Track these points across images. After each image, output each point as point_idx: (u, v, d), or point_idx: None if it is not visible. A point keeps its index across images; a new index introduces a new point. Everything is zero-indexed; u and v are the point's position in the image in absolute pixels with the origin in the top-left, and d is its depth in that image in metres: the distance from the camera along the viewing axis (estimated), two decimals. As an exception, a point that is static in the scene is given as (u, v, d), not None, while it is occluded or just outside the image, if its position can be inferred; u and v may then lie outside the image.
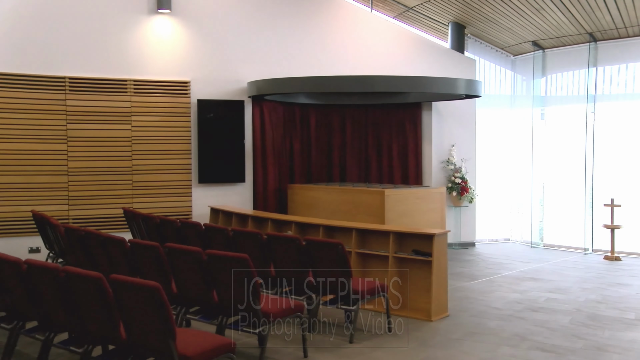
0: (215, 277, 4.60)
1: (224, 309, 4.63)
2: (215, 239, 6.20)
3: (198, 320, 4.81)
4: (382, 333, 5.54)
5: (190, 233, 6.55)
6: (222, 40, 9.54)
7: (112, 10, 8.84)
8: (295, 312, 4.77)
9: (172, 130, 9.19)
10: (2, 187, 8.23)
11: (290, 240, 5.49)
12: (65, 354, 4.50)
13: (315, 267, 5.39)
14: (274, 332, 5.13)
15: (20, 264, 4.17)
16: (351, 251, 6.46)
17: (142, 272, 5.16)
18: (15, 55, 8.26)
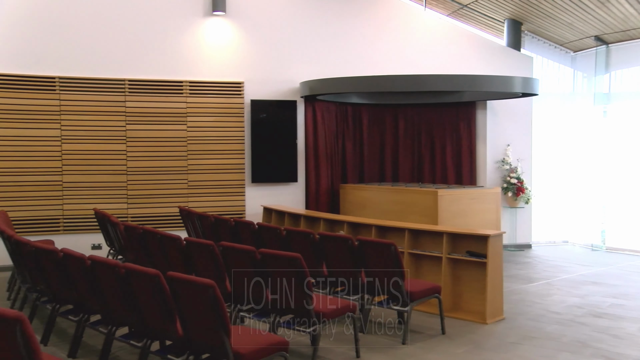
0: (267, 275, 4.65)
1: (277, 307, 4.67)
2: (268, 238, 6.27)
3: (251, 318, 4.87)
4: (435, 335, 5.46)
5: (244, 232, 6.65)
6: (275, 41, 9.63)
7: (169, 13, 9.07)
8: (348, 312, 4.76)
9: (226, 131, 9.35)
10: (67, 186, 8.58)
11: (343, 240, 5.49)
12: (126, 347, 4.65)
13: (368, 267, 5.37)
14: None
15: (85, 259, 4.33)
16: (404, 251, 6.40)
17: (197, 269, 5.27)
18: (80, 60, 8.59)
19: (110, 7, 8.77)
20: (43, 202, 8.48)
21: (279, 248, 5.81)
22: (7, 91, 8.26)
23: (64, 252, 4.60)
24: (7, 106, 8.27)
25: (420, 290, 5.33)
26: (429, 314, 5.99)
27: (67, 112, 8.55)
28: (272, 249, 4.99)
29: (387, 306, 5.36)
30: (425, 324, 5.75)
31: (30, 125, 8.38)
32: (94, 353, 4.73)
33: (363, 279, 5.43)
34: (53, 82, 8.47)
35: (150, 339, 4.09)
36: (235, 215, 9.08)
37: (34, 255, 4.97)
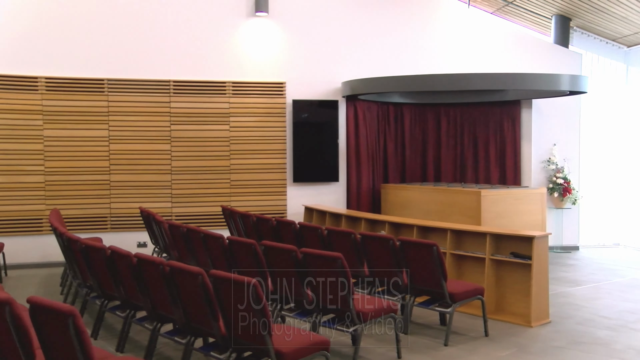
0: (310, 274, 4.67)
1: (318, 307, 4.69)
2: (310, 238, 6.29)
3: (293, 317, 4.90)
4: (478, 337, 5.38)
5: (285, 231, 6.69)
6: (317, 40, 9.66)
7: (213, 15, 9.20)
8: (389, 312, 4.74)
9: (268, 130, 9.43)
10: (114, 185, 8.82)
11: (384, 240, 5.46)
12: (171, 343, 4.74)
13: (409, 268, 5.33)
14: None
15: (131, 257, 4.44)
16: (446, 252, 6.33)
17: (239, 268, 5.33)
18: (127, 62, 8.82)
19: (155, 10, 8.96)
20: (92, 201, 8.74)
21: (320, 248, 5.83)
22: (59, 93, 8.55)
23: (111, 250, 4.73)
24: (59, 108, 8.55)
25: (463, 292, 5.26)
26: (472, 315, 5.91)
27: (114, 113, 8.79)
28: (314, 249, 5.01)
29: (428, 307, 5.31)
30: (468, 325, 5.67)
31: (80, 125, 8.65)
32: (140, 348, 4.84)
33: (404, 279, 5.39)
34: (102, 84, 8.72)
35: (194, 336, 4.17)
36: (276, 214, 9.15)
37: (84, 252, 5.12)
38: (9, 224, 8.41)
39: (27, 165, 8.46)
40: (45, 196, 8.54)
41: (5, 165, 8.37)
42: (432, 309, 5.32)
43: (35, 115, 8.46)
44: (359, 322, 4.47)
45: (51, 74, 8.50)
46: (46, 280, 7.70)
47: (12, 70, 8.36)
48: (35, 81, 8.45)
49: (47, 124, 8.51)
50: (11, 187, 8.40)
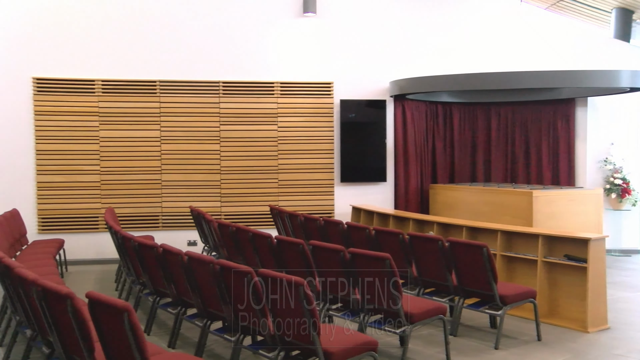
0: (357, 276, 4.65)
1: (366, 307, 4.67)
2: (357, 238, 6.27)
3: (340, 317, 4.89)
4: (530, 341, 5.24)
5: (333, 231, 6.69)
6: (365, 40, 9.63)
7: (261, 16, 9.30)
8: (437, 314, 4.67)
9: (316, 130, 9.46)
10: (165, 184, 9.02)
11: (433, 241, 5.39)
12: (220, 341, 4.82)
13: (458, 269, 5.25)
14: (415, 333, 5.07)
15: (182, 255, 4.53)
16: (496, 254, 6.19)
17: (287, 267, 5.37)
18: (179, 64, 9.01)
19: (205, 12, 9.12)
20: (144, 200, 8.97)
21: (367, 248, 5.80)
22: (114, 95, 8.81)
23: (163, 248, 4.83)
24: (114, 109, 8.81)
25: (514, 294, 5.14)
26: (523, 319, 5.77)
27: (166, 113, 8.99)
28: (361, 249, 4.99)
29: (478, 309, 5.21)
30: (519, 329, 5.53)
31: (133, 126, 8.89)
32: (191, 345, 4.94)
33: (453, 281, 5.31)
34: (154, 85, 8.94)
35: (243, 334, 4.21)
36: (324, 214, 9.17)
37: (137, 250, 5.26)
38: (68, 221, 8.72)
39: (84, 165, 8.75)
40: (100, 195, 8.81)
41: (64, 165, 8.68)
42: (481, 311, 5.21)
43: (92, 117, 8.74)
44: (407, 323, 4.43)
45: (107, 77, 8.77)
46: (102, 276, 7.95)
47: (71, 74, 8.67)
48: (93, 84, 8.73)
49: (103, 125, 8.78)
50: (69, 186, 8.71)
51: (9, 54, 8.48)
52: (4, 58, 8.46)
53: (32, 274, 3.61)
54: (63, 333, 3.46)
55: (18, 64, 8.50)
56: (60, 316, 3.34)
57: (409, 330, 4.46)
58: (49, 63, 8.60)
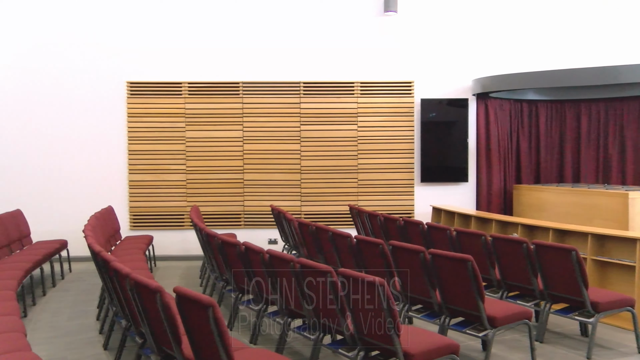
0: (438, 277, 4.58)
1: (447, 309, 4.58)
2: (438, 239, 6.17)
3: (420, 318, 4.83)
4: (629, 353, 4.92)
5: (413, 232, 6.62)
6: (446, 38, 9.45)
7: (341, 16, 9.34)
8: (522, 318, 4.51)
9: (396, 130, 9.39)
10: (247, 183, 9.26)
11: (517, 243, 5.21)
12: (300, 338, 4.87)
13: (545, 273, 5.03)
14: (498, 338, 4.91)
15: (263, 253, 4.63)
16: (586, 258, 5.89)
17: (367, 267, 5.36)
18: (261, 65, 9.22)
19: (285, 13, 9.26)
20: (227, 198, 9.24)
21: (448, 249, 5.70)
22: (199, 97, 9.14)
23: (245, 246, 4.96)
24: (199, 110, 9.14)
25: (608, 302, 4.86)
26: (619, 328, 5.45)
27: (248, 114, 9.22)
28: (442, 250, 4.90)
29: (567, 315, 4.97)
30: (615, 339, 5.23)
31: (217, 127, 9.18)
32: (272, 342, 5.03)
33: (539, 285, 5.10)
34: (237, 87, 9.19)
35: (323, 333, 4.24)
36: (403, 214, 9.08)
37: (220, 247, 5.43)
38: (156, 219, 9.14)
39: (171, 165, 9.14)
40: (186, 193, 9.17)
41: (152, 164, 9.10)
42: (571, 318, 4.97)
43: (179, 118, 9.11)
44: (489, 327, 4.31)
45: (193, 79, 9.11)
46: (187, 272, 8.26)
47: (160, 77, 9.07)
48: (180, 86, 9.10)
49: (189, 126, 9.13)
50: (157, 184, 9.13)
51: (106, 61, 8.99)
52: (102, 64, 8.98)
53: (125, 268, 3.81)
54: (153, 325, 3.63)
55: (114, 69, 9.00)
56: (151, 309, 3.51)
57: (492, 335, 4.33)
58: (140, 67, 9.05)
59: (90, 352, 4.91)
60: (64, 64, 8.91)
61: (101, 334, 5.32)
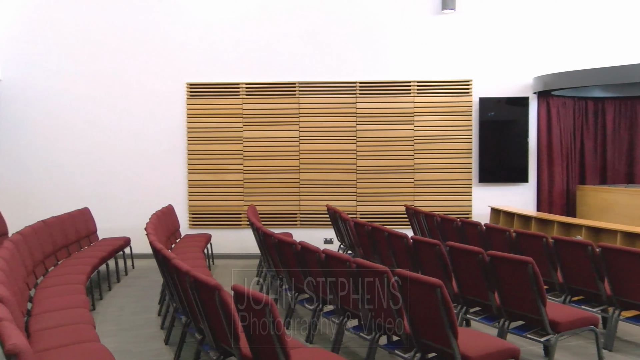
0: (497, 279, 4.47)
1: (506, 312, 4.47)
2: (496, 240, 6.03)
3: (478, 321, 4.73)
4: None
5: (471, 233, 6.50)
6: (506, 35, 9.22)
7: (398, 15, 9.26)
8: (588, 324, 4.34)
9: (453, 129, 9.24)
10: (303, 183, 9.32)
11: (581, 246, 5.03)
12: (356, 338, 4.87)
13: (612, 277, 4.83)
14: (561, 344, 4.75)
15: (319, 252, 4.65)
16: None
17: (423, 268, 5.30)
18: (317, 65, 9.26)
19: (341, 13, 9.27)
20: (283, 198, 9.33)
21: (507, 251, 5.56)
22: (256, 97, 9.27)
23: (301, 245, 4.99)
24: (255, 111, 9.28)
25: (680, 309, 4.62)
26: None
27: (305, 114, 9.28)
28: (500, 251, 4.78)
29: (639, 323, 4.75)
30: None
31: (273, 127, 9.29)
32: (327, 341, 5.04)
33: (606, 290, 4.90)
34: (293, 87, 9.27)
35: (379, 333, 4.22)
36: (461, 215, 8.92)
37: (277, 246, 5.49)
38: (214, 217, 9.34)
39: (229, 164, 9.31)
40: (243, 193, 9.32)
41: (210, 164, 9.30)
42: (641, 326, 4.76)
43: (236, 119, 9.27)
44: (552, 332, 4.17)
45: (250, 80, 9.25)
46: (244, 270, 8.40)
47: (218, 79, 9.26)
48: (237, 87, 9.26)
49: (246, 126, 9.28)
50: (216, 184, 9.32)
51: (168, 63, 9.25)
52: (164, 66, 9.25)
53: (185, 266, 3.92)
54: (212, 322, 3.71)
55: (175, 71, 9.25)
56: (209, 306, 3.58)
57: (555, 340, 4.19)
58: (200, 69, 9.26)
59: (152, 347, 5.07)
60: (127, 66, 9.23)
61: (162, 329, 5.48)
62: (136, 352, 4.94)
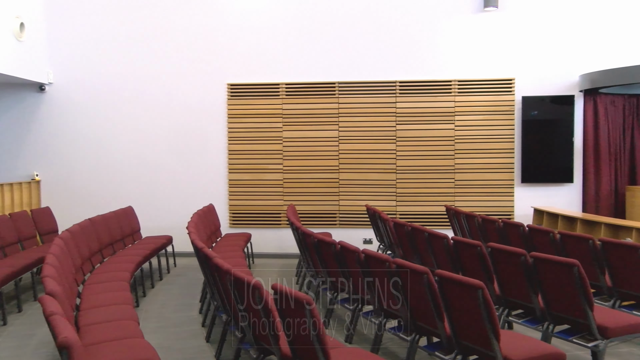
0: (540, 282, 4.37)
1: (550, 315, 4.37)
2: (540, 242, 5.90)
3: (521, 324, 4.63)
4: None
5: (513, 234, 6.38)
6: (550, 32, 9.02)
7: (439, 14, 9.16)
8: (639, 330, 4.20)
9: (495, 129, 9.08)
10: (343, 183, 9.32)
11: (631, 248, 4.86)
12: (396, 339, 4.84)
13: (662, 282, 4.67)
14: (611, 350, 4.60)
15: (359, 252, 4.64)
16: None
17: (464, 269, 5.23)
18: (356, 65, 9.24)
19: (381, 11, 9.23)
20: (322, 198, 9.35)
21: (551, 253, 5.42)
22: (296, 97, 9.31)
23: (341, 245, 4.99)
24: (295, 111, 9.32)
25: None
26: None
27: (344, 114, 9.28)
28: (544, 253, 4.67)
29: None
30: None
31: (313, 127, 9.31)
32: (366, 341, 5.03)
33: (656, 295, 4.73)
34: (333, 87, 9.27)
35: (419, 334, 4.19)
36: (502, 216, 8.76)
37: (316, 246, 5.50)
38: (254, 217, 9.43)
39: (269, 164, 9.38)
40: (283, 192, 9.37)
41: (251, 164, 9.39)
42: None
43: (276, 119, 9.33)
44: (600, 338, 4.05)
45: (290, 80, 9.30)
46: (283, 269, 8.45)
47: (258, 79, 9.34)
48: (277, 87, 9.32)
49: (286, 126, 9.33)
50: (256, 184, 9.40)
51: (209, 64, 9.39)
52: (205, 67, 9.39)
53: (226, 264, 3.96)
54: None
55: (216, 72, 9.38)
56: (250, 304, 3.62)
57: (604, 346, 4.07)
58: (240, 70, 9.36)
59: (193, 344, 5.15)
60: (170, 68, 9.40)
61: (204, 326, 5.57)
62: (177, 349, 5.03)
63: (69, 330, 2.70)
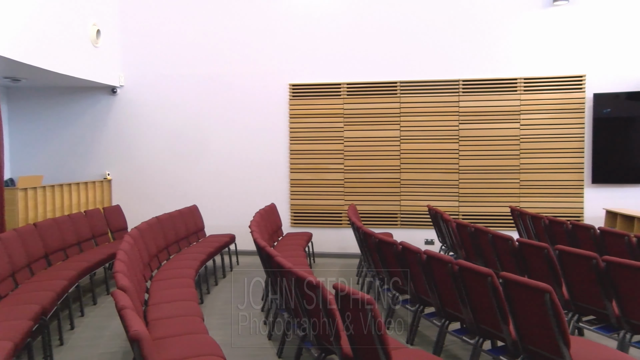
0: (615, 287, 4.18)
1: (627, 323, 4.16)
2: (613, 245, 5.64)
3: (593, 331, 4.45)
4: None
5: (583, 236, 6.13)
6: (625, 26, 8.61)
7: (505, 10, 8.92)
8: None
9: (563, 128, 8.76)
10: (404, 183, 9.23)
11: None
12: (458, 342, 4.76)
13: None
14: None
15: (421, 253, 4.58)
16: None
17: (530, 272, 5.07)
18: (418, 64, 9.14)
19: (442, 9, 9.08)
20: (384, 198, 9.29)
21: (626, 257, 5.18)
22: (356, 97, 9.30)
23: (402, 245, 4.95)
24: (356, 110, 9.30)
25: None
26: None
27: (405, 113, 9.19)
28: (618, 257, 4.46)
29: None
30: None
31: (374, 127, 9.27)
32: (428, 343, 4.97)
33: None
34: (394, 86, 9.20)
35: (482, 337, 4.09)
36: (571, 217, 8.44)
37: (377, 246, 5.48)
38: (315, 216, 9.48)
39: (330, 164, 9.41)
40: (344, 192, 9.38)
41: (312, 163, 9.45)
42: None
43: (337, 118, 9.36)
44: (677, 348, 3.83)
45: (351, 79, 9.30)
46: (344, 269, 8.46)
47: (320, 79, 9.39)
48: (339, 87, 9.34)
49: (347, 126, 9.33)
50: (317, 183, 9.45)
51: (271, 65, 9.52)
52: (267, 68, 9.53)
53: (288, 263, 4.01)
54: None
55: (278, 73, 9.50)
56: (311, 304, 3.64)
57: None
58: (302, 70, 9.44)
59: (255, 341, 5.24)
60: (233, 69, 9.59)
61: (265, 324, 5.65)
62: (240, 346, 5.12)
63: (140, 324, 2.81)
